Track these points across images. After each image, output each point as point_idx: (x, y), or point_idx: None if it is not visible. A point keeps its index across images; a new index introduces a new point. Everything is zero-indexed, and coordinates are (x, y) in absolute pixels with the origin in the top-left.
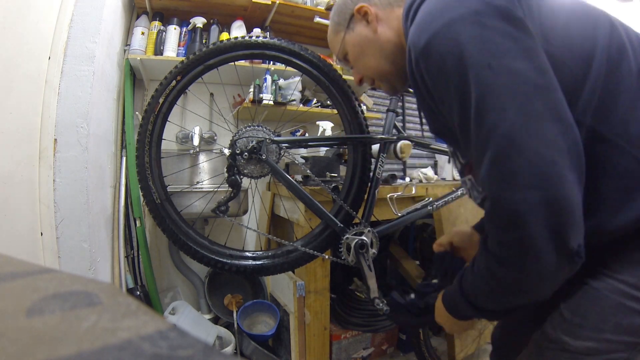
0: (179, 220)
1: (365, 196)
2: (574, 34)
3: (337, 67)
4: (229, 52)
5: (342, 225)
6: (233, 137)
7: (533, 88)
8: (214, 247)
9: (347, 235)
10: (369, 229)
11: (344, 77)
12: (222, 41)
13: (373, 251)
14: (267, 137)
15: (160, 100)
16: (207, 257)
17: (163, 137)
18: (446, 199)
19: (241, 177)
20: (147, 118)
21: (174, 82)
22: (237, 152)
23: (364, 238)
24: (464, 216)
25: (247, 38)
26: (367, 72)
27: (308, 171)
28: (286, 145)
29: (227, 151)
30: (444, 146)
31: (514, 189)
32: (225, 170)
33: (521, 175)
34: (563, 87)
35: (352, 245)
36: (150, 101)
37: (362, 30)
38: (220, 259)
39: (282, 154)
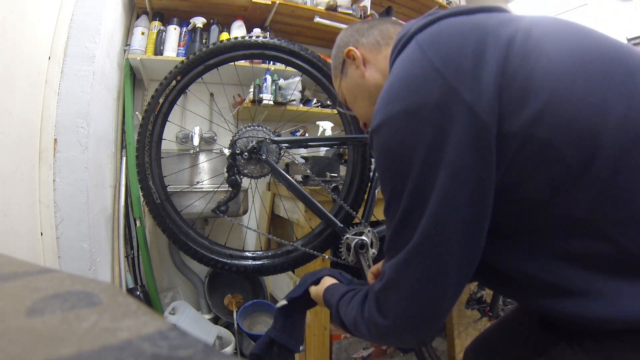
0: (179, 220)
1: (365, 196)
2: (577, 109)
3: None
4: (229, 52)
5: (342, 225)
6: (233, 137)
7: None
8: (214, 247)
9: (347, 235)
10: (369, 229)
11: None
12: (222, 41)
13: (373, 251)
14: (267, 137)
15: (160, 100)
16: (207, 257)
17: (163, 137)
18: None
19: (241, 177)
20: (147, 118)
21: (174, 82)
22: (237, 152)
23: (364, 238)
24: None
25: (247, 38)
26: (362, 118)
27: (308, 171)
28: (286, 145)
29: (227, 151)
30: None
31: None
32: (225, 170)
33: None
34: (552, 178)
35: (352, 245)
36: (150, 101)
37: (353, 75)
38: (220, 259)
39: (282, 154)
